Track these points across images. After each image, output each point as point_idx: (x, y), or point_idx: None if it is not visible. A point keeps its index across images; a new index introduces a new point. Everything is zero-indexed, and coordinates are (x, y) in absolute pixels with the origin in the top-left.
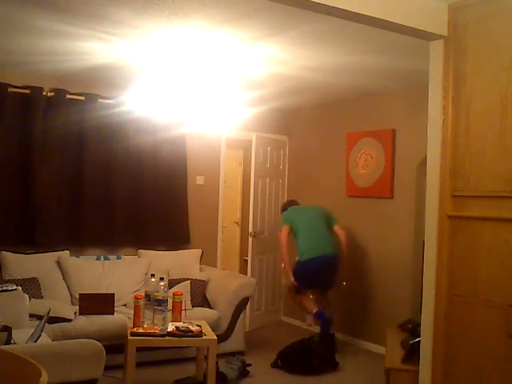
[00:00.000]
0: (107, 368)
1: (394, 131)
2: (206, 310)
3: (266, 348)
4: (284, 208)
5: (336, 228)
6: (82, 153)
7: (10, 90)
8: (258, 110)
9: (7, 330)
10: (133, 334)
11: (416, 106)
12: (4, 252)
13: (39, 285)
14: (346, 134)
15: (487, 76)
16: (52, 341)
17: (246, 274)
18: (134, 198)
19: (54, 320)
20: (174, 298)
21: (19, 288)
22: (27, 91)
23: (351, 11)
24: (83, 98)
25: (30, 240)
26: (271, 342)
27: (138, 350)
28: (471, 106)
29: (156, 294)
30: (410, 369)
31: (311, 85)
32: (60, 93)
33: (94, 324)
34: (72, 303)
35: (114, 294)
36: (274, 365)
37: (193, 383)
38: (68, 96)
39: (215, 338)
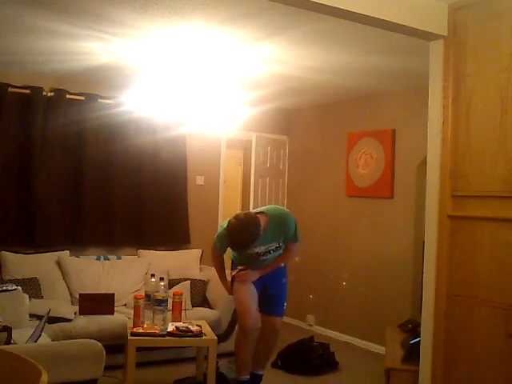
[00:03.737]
0: (107, 368)
1: (394, 131)
2: (205, 310)
3: None
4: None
5: None
6: (81, 153)
7: (9, 89)
8: (258, 110)
9: (7, 330)
10: (133, 334)
11: (416, 106)
12: (4, 252)
13: (39, 285)
14: (346, 134)
15: (487, 76)
16: (52, 341)
17: None
18: (133, 198)
19: (53, 320)
20: (174, 298)
21: (19, 288)
22: (27, 91)
23: (351, 11)
24: (83, 98)
25: (30, 240)
26: None
27: (138, 350)
28: (471, 106)
29: (156, 293)
30: (410, 369)
31: (311, 85)
32: (60, 93)
33: (94, 324)
34: (72, 303)
35: (113, 294)
36: (274, 365)
37: (193, 383)
38: (68, 96)
39: (215, 338)
